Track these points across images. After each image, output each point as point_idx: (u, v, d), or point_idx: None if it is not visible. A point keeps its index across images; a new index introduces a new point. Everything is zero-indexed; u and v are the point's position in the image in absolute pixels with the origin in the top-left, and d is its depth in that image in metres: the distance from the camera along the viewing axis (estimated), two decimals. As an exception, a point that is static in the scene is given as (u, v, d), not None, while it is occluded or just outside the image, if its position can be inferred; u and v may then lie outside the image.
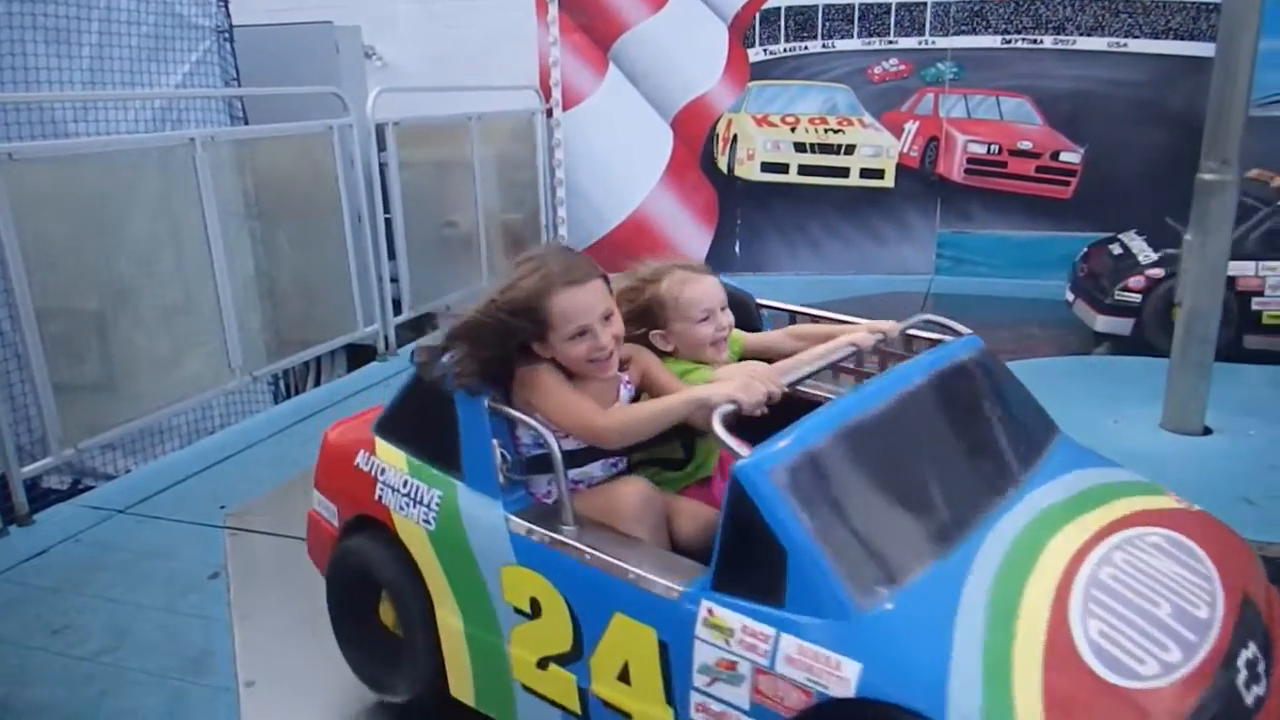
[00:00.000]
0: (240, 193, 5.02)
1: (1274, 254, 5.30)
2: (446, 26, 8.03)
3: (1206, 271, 4.05)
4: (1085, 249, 6.28)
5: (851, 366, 2.48)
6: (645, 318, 2.26)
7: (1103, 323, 5.57)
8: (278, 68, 6.40)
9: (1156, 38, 7.02)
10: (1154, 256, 5.58)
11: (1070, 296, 6.06)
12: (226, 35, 6.29)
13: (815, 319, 2.55)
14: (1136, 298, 5.46)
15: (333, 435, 2.58)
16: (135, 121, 5.56)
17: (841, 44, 7.54)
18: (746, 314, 2.56)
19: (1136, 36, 7.04)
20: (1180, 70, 6.88)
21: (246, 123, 6.27)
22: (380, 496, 2.30)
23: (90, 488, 4.44)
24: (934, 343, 2.32)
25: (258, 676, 2.69)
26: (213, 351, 4.72)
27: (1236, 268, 5.21)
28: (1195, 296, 4.08)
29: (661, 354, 2.25)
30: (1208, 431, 4.18)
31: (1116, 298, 5.52)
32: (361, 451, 2.38)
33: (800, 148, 7.71)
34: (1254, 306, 5.32)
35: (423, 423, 2.21)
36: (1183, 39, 6.94)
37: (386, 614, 2.38)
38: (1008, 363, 2.34)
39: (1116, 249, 5.93)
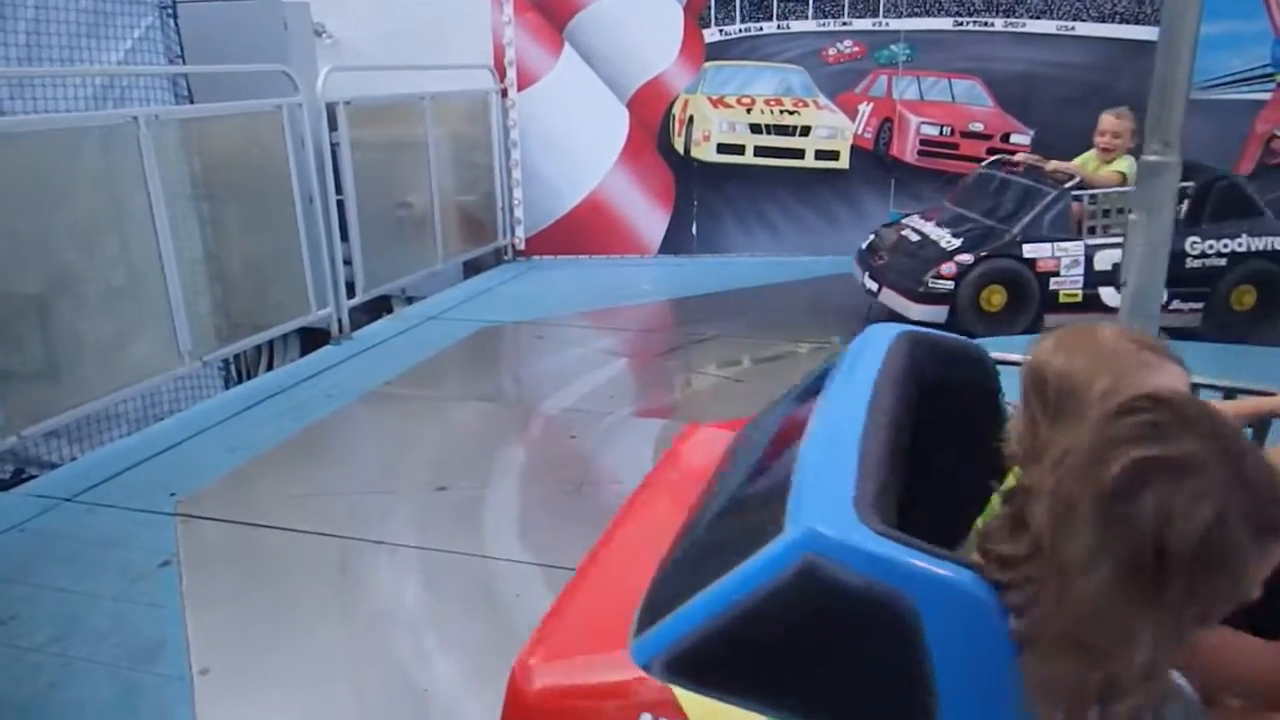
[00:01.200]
0: (187, 173, 4.90)
1: (1065, 236, 5.37)
2: (398, 4, 7.89)
3: (1151, 249, 4.13)
4: (871, 236, 6.20)
5: None
6: None
7: (919, 311, 5.42)
8: (224, 45, 6.25)
9: (1103, 21, 7.15)
10: (957, 243, 5.54)
11: (873, 285, 5.82)
12: (170, 11, 6.14)
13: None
14: (949, 284, 5.41)
15: (545, 681, 1.46)
16: (74, 99, 5.42)
17: (796, 25, 7.56)
18: (980, 372, 1.92)
19: (1084, 20, 7.17)
20: (1126, 53, 7.01)
21: (192, 102, 6.14)
22: None
23: (34, 476, 4.35)
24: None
25: (212, 665, 2.66)
26: (161, 336, 4.62)
27: (1035, 250, 5.35)
28: (1140, 274, 4.16)
29: None
30: (1149, 407, 4.27)
31: (930, 286, 5.44)
32: (646, 717, 1.38)
33: (756, 129, 7.73)
34: (1052, 286, 5.37)
35: (830, 666, 1.30)
36: (1128, 23, 7.08)
37: None
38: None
39: (912, 235, 5.83)
